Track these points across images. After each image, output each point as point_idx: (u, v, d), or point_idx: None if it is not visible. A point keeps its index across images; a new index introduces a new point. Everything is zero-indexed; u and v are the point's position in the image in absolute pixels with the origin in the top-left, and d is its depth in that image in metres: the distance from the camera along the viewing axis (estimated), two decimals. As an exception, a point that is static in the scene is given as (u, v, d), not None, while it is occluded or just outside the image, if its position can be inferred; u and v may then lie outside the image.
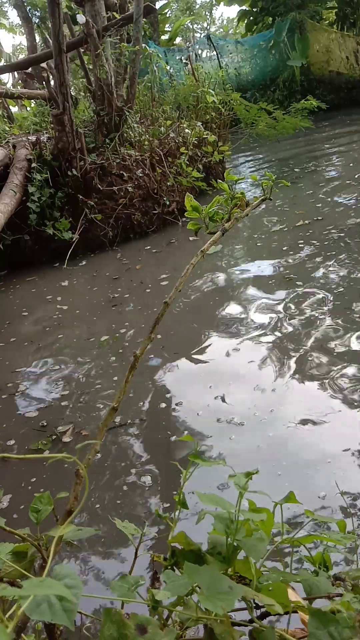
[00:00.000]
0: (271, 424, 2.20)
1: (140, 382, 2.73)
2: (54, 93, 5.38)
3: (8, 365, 3.27)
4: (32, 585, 0.57)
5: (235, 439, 2.16)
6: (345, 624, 0.66)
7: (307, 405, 2.27)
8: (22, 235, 5.20)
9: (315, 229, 4.62)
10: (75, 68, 11.75)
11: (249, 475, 0.90)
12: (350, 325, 2.86)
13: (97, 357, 3.16)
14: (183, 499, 0.96)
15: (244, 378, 2.60)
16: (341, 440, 2.02)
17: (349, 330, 2.82)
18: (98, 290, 4.33)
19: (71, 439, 2.37)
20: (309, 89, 12.97)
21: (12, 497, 2.07)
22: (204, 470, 1.83)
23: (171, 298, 1.10)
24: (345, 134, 9.64)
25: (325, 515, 1.68)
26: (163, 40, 16.11)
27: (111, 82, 5.55)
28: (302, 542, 0.95)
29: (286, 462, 1.96)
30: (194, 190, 6.21)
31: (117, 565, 1.67)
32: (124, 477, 2.07)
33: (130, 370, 1.02)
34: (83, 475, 0.84)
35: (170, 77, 7.87)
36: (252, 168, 8.41)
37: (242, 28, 17.63)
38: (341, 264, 3.76)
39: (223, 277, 4.07)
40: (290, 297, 3.37)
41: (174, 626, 0.84)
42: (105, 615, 0.72)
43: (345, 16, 14.91)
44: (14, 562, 0.86)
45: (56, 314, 3.94)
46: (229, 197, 1.26)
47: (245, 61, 14.93)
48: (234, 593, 0.70)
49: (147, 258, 4.95)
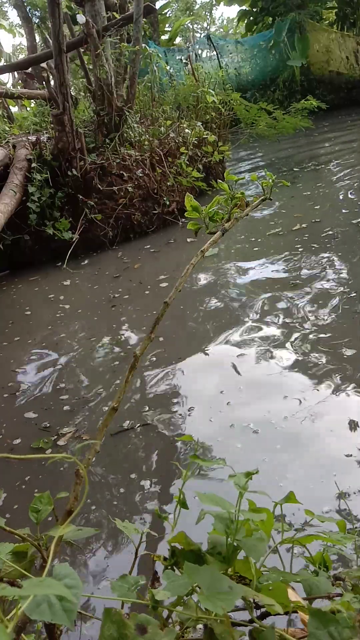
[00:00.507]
0: (286, 431, 2.15)
1: (147, 386, 2.72)
2: (54, 93, 5.39)
3: (12, 363, 3.28)
4: (32, 585, 0.57)
5: (248, 446, 2.11)
6: (345, 624, 0.66)
7: (324, 410, 2.24)
8: (22, 235, 5.20)
9: (314, 230, 4.62)
10: (75, 68, 11.75)
11: (249, 475, 0.90)
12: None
13: (98, 358, 3.16)
14: (183, 499, 0.96)
15: (255, 383, 2.57)
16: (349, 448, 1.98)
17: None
18: (99, 289, 4.34)
19: (66, 443, 2.36)
20: (309, 89, 12.98)
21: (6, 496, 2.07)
22: (213, 486, 1.83)
23: (171, 298, 1.10)
24: (346, 134, 9.65)
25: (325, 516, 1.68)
26: (163, 40, 16.12)
27: (111, 82, 5.55)
28: (302, 542, 0.95)
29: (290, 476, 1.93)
30: (194, 190, 6.21)
31: (117, 566, 1.67)
32: (127, 478, 2.07)
33: (130, 370, 1.02)
34: (83, 476, 0.84)
35: (170, 77, 7.87)
36: (251, 168, 8.41)
37: (242, 28, 17.64)
38: (345, 263, 3.77)
39: (225, 280, 4.06)
40: (297, 299, 3.34)
41: (174, 626, 0.84)
42: (105, 615, 0.72)
43: (345, 16, 14.92)
44: (14, 562, 0.86)
45: (58, 313, 3.95)
46: (229, 197, 1.26)
47: (245, 61, 14.94)
48: (234, 593, 0.70)
49: (147, 258, 4.95)
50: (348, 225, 4.57)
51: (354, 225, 4.53)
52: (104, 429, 0.96)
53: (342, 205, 5.23)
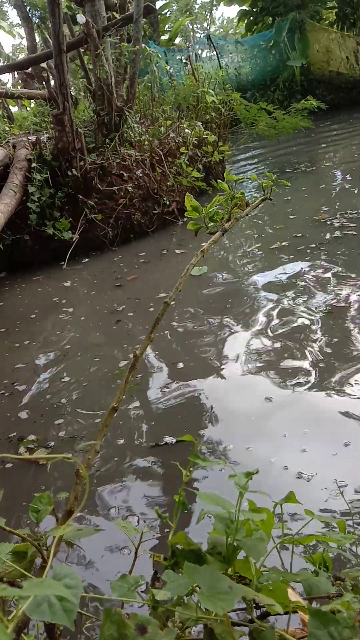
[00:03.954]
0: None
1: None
2: (54, 93, 5.39)
3: (15, 364, 3.29)
4: (32, 585, 0.57)
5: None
6: (345, 624, 0.66)
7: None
8: (22, 235, 5.20)
9: (314, 232, 4.62)
10: (75, 68, 11.74)
11: (249, 475, 0.90)
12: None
13: (100, 359, 3.17)
14: (183, 499, 0.96)
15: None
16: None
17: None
18: (100, 288, 4.34)
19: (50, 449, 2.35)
20: (309, 89, 12.98)
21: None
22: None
23: (171, 298, 1.10)
24: (346, 134, 9.65)
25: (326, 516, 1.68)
26: (163, 40, 16.11)
27: (111, 82, 5.55)
28: (302, 542, 0.95)
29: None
30: (194, 190, 6.21)
31: (117, 565, 1.67)
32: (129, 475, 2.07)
33: (130, 370, 1.02)
34: (83, 476, 0.84)
35: (170, 77, 7.86)
36: (251, 168, 8.41)
37: (242, 28, 17.63)
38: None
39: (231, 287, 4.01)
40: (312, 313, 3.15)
41: (174, 626, 0.84)
42: (105, 615, 0.72)
43: (345, 16, 14.91)
44: (14, 562, 0.86)
45: (62, 316, 3.95)
46: (229, 197, 1.26)
47: (245, 61, 14.93)
48: (234, 593, 0.70)
49: (147, 257, 4.95)
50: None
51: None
52: (104, 429, 0.96)
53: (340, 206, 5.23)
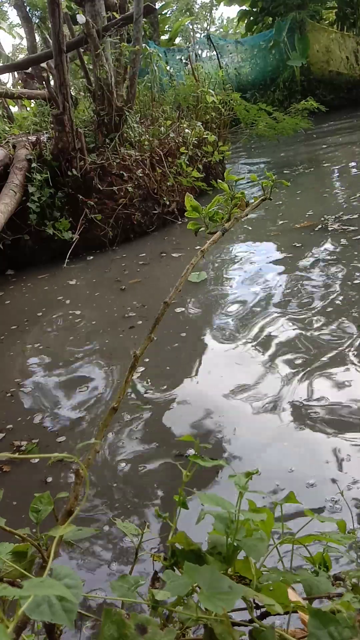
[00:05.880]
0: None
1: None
2: (54, 93, 5.39)
3: (19, 365, 3.29)
4: (32, 585, 0.57)
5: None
6: (345, 624, 0.66)
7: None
8: (22, 235, 5.20)
9: (312, 233, 4.62)
10: (75, 68, 11.74)
11: (249, 475, 0.90)
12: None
13: (104, 363, 3.17)
14: (183, 499, 0.96)
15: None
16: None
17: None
18: (102, 289, 4.34)
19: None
20: (309, 89, 12.99)
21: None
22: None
23: (171, 298, 1.10)
24: (346, 134, 9.64)
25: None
26: (163, 40, 16.13)
27: (111, 82, 5.55)
28: (302, 542, 0.95)
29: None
30: (194, 190, 6.21)
31: (117, 565, 1.67)
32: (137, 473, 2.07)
33: (130, 370, 1.02)
34: (83, 476, 0.84)
35: (170, 77, 7.87)
36: (251, 168, 8.41)
37: (242, 28, 17.65)
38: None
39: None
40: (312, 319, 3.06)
41: (174, 626, 0.84)
42: (105, 615, 0.72)
43: (345, 16, 14.93)
44: (14, 562, 0.86)
45: (66, 317, 3.95)
46: (229, 197, 1.26)
47: (245, 61, 14.95)
48: (234, 593, 0.70)
49: (146, 258, 4.95)
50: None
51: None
52: (104, 429, 0.96)
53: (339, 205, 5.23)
